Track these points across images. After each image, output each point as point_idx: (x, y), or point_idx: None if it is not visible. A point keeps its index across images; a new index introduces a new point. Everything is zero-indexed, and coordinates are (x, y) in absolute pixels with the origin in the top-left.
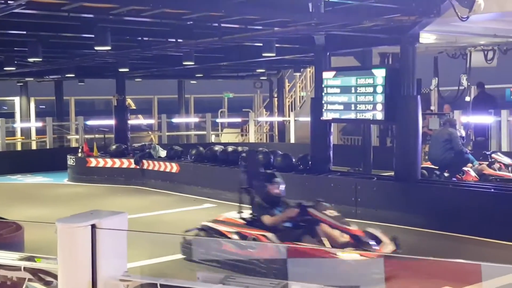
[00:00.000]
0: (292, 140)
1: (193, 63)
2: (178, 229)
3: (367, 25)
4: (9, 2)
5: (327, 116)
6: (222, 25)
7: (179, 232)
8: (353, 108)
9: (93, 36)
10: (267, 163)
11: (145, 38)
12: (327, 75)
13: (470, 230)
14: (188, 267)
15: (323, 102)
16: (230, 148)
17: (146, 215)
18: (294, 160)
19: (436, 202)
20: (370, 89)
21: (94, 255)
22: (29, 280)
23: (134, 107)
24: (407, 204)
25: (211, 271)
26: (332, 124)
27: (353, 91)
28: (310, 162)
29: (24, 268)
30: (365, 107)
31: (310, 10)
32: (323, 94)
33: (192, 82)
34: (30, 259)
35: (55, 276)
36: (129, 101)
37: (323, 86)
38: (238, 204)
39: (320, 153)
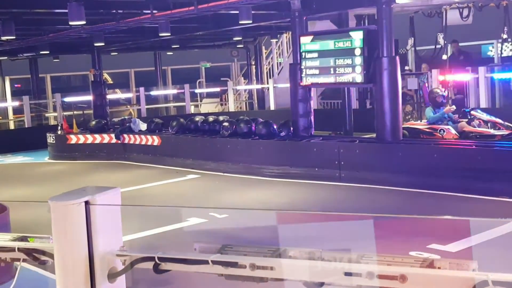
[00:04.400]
0: (272, 107)
1: (169, 34)
2: (165, 201)
3: None
4: None
5: (306, 81)
6: None
7: (166, 204)
8: (332, 72)
9: (66, 11)
10: (248, 131)
11: (119, 11)
12: (304, 39)
13: (453, 188)
14: (181, 238)
15: (301, 67)
16: (211, 118)
17: (130, 189)
18: (275, 126)
19: (418, 161)
20: (349, 52)
21: (89, 232)
22: (24, 260)
23: (111, 82)
24: (390, 164)
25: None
26: (311, 89)
27: (331, 54)
28: (291, 128)
29: (18, 248)
30: (344, 70)
31: None
32: (301, 59)
33: (168, 53)
34: (23, 239)
35: (50, 255)
36: (105, 75)
37: (301, 51)
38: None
39: (301, 119)
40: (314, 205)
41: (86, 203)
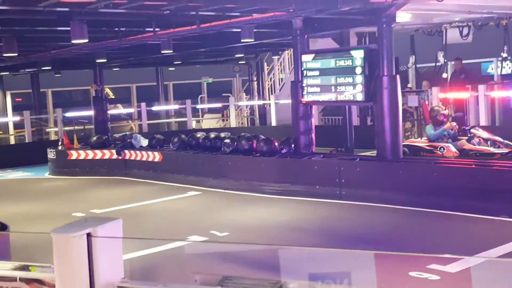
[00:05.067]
0: (274, 123)
1: (171, 51)
2: (165, 219)
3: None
4: None
5: (307, 98)
6: (200, 13)
7: (166, 222)
8: (333, 90)
9: (69, 29)
10: (250, 148)
11: (122, 29)
12: (306, 58)
13: (453, 207)
14: (179, 258)
15: (303, 85)
16: (212, 135)
17: (131, 206)
18: (277, 144)
19: (418, 180)
20: (349, 70)
21: (91, 263)
22: None
23: (113, 97)
24: (390, 183)
25: (208, 271)
26: (313, 106)
27: (332, 73)
28: (293, 145)
29: (19, 278)
30: (345, 88)
31: None
32: (302, 77)
33: (170, 69)
34: (25, 268)
35: (52, 286)
36: (107, 90)
37: (302, 69)
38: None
39: (302, 136)
40: (314, 223)
41: (88, 235)
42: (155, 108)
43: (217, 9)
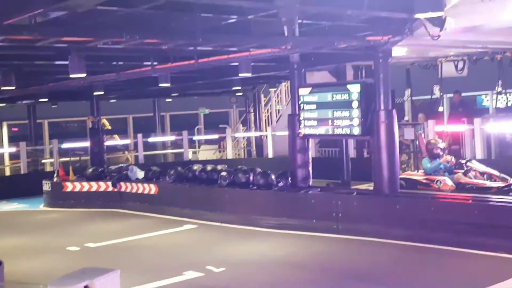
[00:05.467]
0: (271, 155)
1: (169, 85)
2: (160, 253)
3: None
4: None
5: (304, 131)
6: (198, 48)
7: (162, 257)
8: (330, 123)
9: (67, 63)
10: (246, 181)
11: (120, 63)
12: (303, 91)
13: (450, 242)
14: None
15: (300, 118)
16: (209, 167)
17: (126, 240)
18: (273, 177)
19: (415, 215)
20: (346, 104)
21: None
22: None
23: (110, 127)
24: (387, 217)
25: None
26: (309, 139)
27: (329, 106)
28: (289, 179)
29: None
30: (342, 122)
31: (285, 34)
32: (299, 110)
33: (167, 100)
34: None
35: None
36: (104, 121)
37: (299, 102)
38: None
39: (299, 169)
40: (311, 259)
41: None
42: (151, 139)
43: (215, 45)
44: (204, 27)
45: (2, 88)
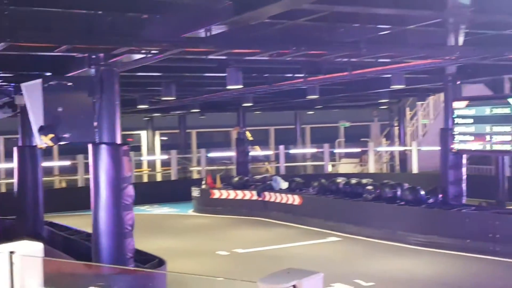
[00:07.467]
0: (415, 170)
1: (317, 97)
2: (306, 263)
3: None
4: (152, 52)
5: (459, 147)
6: (352, 59)
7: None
8: (488, 139)
9: (223, 75)
10: (393, 196)
11: (272, 75)
12: (458, 104)
13: None
14: None
15: (454, 132)
16: (353, 180)
17: (272, 248)
18: (423, 193)
19: None
20: (507, 119)
21: None
22: None
23: (252, 139)
24: None
25: None
26: (463, 155)
27: (487, 121)
28: (440, 195)
29: None
30: (502, 138)
31: (450, 44)
32: (453, 124)
33: (308, 112)
34: None
35: None
36: (246, 132)
37: (453, 116)
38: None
39: (451, 186)
40: (465, 280)
41: (294, 287)
42: (292, 151)
43: (373, 57)
44: (361, 38)
45: (163, 98)
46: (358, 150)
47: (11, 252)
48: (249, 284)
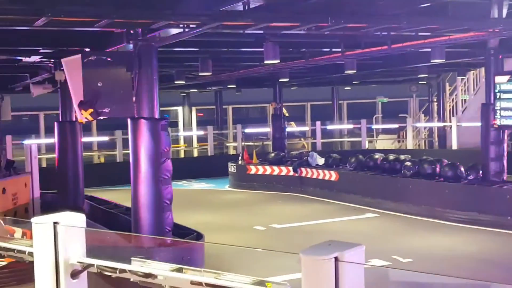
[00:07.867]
0: (455, 147)
1: (355, 71)
2: (344, 239)
3: None
4: (190, 26)
5: (501, 122)
6: (391, 33)
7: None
8: None
9: (260, 50)
10: (432, 172)
11: (309, 49)
12: (500, 79)
13: None
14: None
15: (495, 108)
16: (391, 156)
17: (308, 224)
18: (462, 169)
19: None
20: None
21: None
22: None
23: (287, 115)
24: None
25: None
26: (505, 131)
27: None
28: (481, 172)
29: None
30: None
31: (493, 16)
32: (495, 99)
33: (345, 88)
34: (261, 283)
35: None
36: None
37: (495, 91)
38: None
39: (492, 163)
40: (506, 257)
41: (336, 259)
42: (329, 127)
43: (413, 30)
44: (401, 11)
45: (200, 74)
46: (396, 126)
47: (55, 223)
48: (289, 256)
